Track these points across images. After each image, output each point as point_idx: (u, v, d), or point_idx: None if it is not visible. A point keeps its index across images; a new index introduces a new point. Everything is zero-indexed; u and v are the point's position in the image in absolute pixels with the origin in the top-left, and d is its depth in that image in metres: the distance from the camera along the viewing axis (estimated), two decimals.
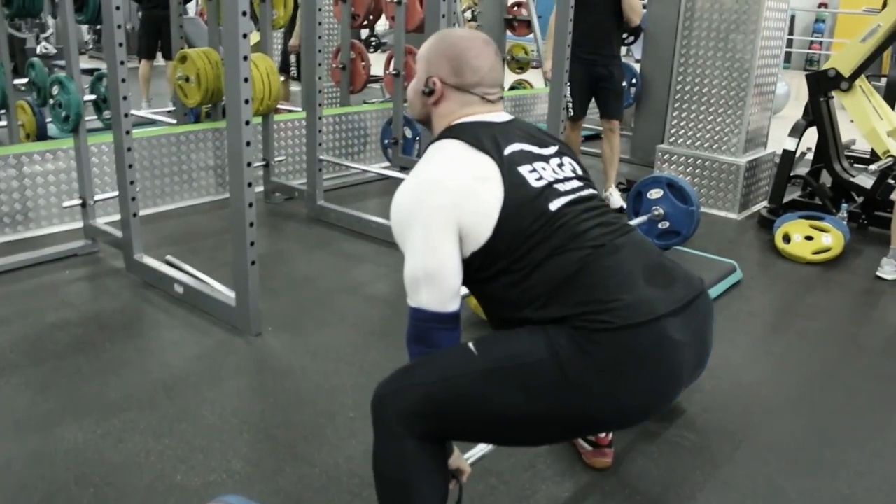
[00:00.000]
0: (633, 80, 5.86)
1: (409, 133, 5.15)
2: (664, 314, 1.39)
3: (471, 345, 1.47)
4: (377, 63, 5.87)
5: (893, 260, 3.70)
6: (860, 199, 4.45)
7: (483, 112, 1.64)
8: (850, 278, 3.74)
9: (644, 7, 5.31)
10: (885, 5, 4.24)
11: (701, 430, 2.36)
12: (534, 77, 7.81)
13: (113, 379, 2.45)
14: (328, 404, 2.36)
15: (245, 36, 2.46)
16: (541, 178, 1.54)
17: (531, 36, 7.34)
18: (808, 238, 3.97)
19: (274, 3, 4.31)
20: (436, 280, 1.45)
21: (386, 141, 5.12)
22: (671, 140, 4.82)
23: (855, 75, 4.17)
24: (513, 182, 1.49)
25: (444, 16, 3.36)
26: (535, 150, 1.59)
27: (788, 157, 4.41)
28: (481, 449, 1.86)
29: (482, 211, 1.46)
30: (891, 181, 4.11)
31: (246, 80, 2.50)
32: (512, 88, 7.53)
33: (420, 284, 1.46)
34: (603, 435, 2.10)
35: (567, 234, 1.48)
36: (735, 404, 2.52)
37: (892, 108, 4.64)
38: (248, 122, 2.54)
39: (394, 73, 4.90)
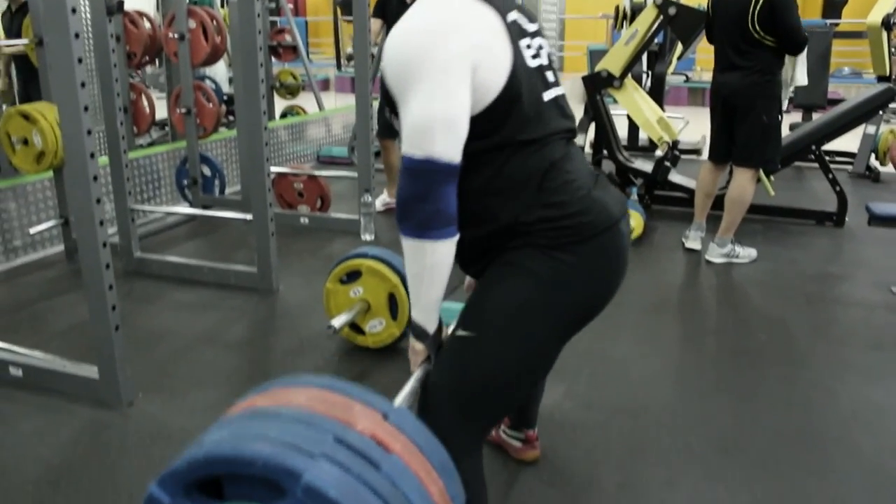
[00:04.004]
0: None
1: (207, 171, 4.93)
2: (619, 217, 1.49)
3: (461, 332, 1.46)
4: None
5: (697, 231, 4.27)
6: (640, 182, 5.00)
7: None
8: (660, 254, 4.21)
9: None
10: (632, 14, 4.80)
11: (602, 408, 2.54)
12: (305, 101, 7.78)
13: None
14: None
15: (83, 85, 2.24)
16: (536, 55, 1.45)
17: (299, 61, 7.32)
18: None
19: None
20: (453, 126, 1.32)
21: (184, 182, 4.86)
22: None
23: (624, 74, 4.67)
24: (516, 50, 1.39)
25: (261, 49, 3.28)
26: (526, 24, 1.47)
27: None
28: None
29: (495, 67, 1.36)
30: (667, 164, 4.67)
31: (89, 132, 2.28)
32: (283, 116, 7.45)
33: (434, 131, 1.30)
34: (531, 431, 2.20)
35: (548, 128, 1.44)
36: (635, 391, 2.75)
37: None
38: (95, 179, 2.32)
39: (184, 110, 4.67)
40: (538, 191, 1.41)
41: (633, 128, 6.73)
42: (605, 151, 5.04)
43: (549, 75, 1.50)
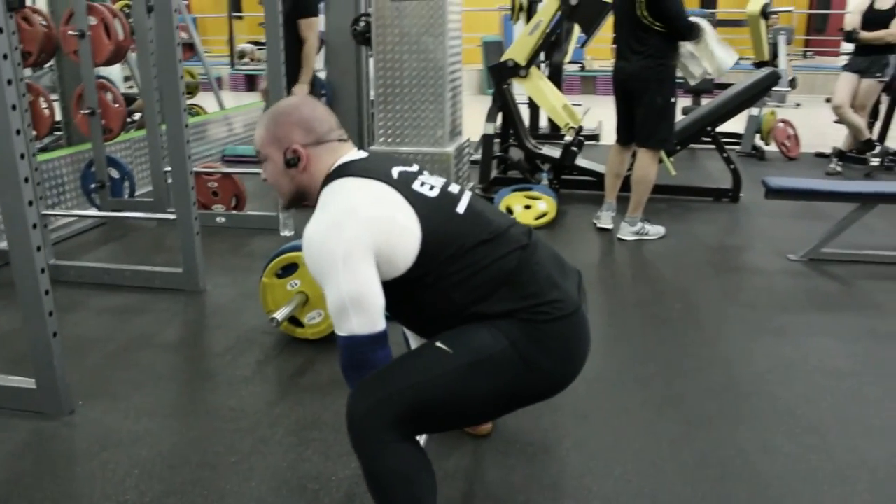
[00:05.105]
0: (323, 91, 6.05)
1: (115, 174, 4.79)
2: (580, 302, 1.67)
3: (440, 344, 1.57)
4: None
5: (608, 212, 4.47)
6: (548, 167, 5.19)
7: (346, 152, 1.74)
8: (574, 235, 4.39)
9: None
10: (528, 6, 4.99)
11: None
12: (204, 100, 7.62)
13: None
14: (200, 457, 2.22)
15: (10, 82, 2.18)
16: (432, 187, 1.68)
17: (194, 59, 7.17)
18: (527, 207, 4.55)
19: None
20: (362, 303, 1.52)
21: (92, 185, 4.70)
22: (381, 140, 5.10)
23: (529, 63, 4.83)
24: (415, 198, 1.62)
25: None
26: (408, 168, 1.73)
27: (489, 140, 4.97)
28: None
29: (402, 231, 1.57)
30: (574, 149, 4.87)
31: (19, 132, 2.21)
32: None
33: (348, 311, 1.52)
34: None
35: (487, 232, 1.64)
36: None
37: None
38: (27, 180, 2.25)
39: (87, 111, 4.51)
40: (512, 287, 1.60)
41: (534, 115, 6.95)
42: (512, 140, 5.21)
43: (453, 190, 1.72)
